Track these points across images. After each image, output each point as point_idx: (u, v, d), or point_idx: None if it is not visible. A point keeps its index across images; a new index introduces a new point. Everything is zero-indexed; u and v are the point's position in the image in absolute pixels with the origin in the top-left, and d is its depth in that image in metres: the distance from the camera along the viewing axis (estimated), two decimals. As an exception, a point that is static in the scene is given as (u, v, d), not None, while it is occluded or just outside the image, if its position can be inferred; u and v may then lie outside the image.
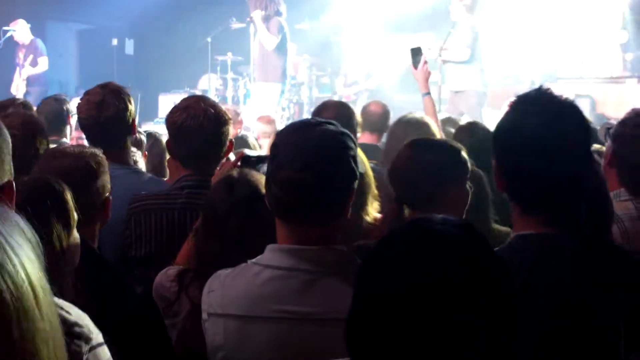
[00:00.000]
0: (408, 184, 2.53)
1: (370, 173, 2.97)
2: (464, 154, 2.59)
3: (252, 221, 2.18)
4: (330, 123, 1.90)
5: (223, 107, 2.94)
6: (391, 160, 2.71)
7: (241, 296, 1.86)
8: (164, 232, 2.75)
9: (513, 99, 1.83)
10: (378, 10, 10.28)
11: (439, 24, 10.21)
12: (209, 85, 11.52)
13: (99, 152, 2.53)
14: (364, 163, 2.85)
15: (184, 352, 2.17)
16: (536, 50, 12.44)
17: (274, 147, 1.88)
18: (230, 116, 2.89)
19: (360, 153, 2.28)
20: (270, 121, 6.78)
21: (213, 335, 1.89)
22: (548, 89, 1.81)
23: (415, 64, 4.56)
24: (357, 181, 1.89)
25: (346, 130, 1.91)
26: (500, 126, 1.82)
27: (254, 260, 1.90)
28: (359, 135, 4.24)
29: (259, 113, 7.83)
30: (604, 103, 9.74)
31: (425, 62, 4.59)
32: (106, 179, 2.50)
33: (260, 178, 2.26)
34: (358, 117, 4.08)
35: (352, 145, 1.89)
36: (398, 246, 1.17)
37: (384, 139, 4.65)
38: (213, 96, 11.23)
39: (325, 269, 1.83)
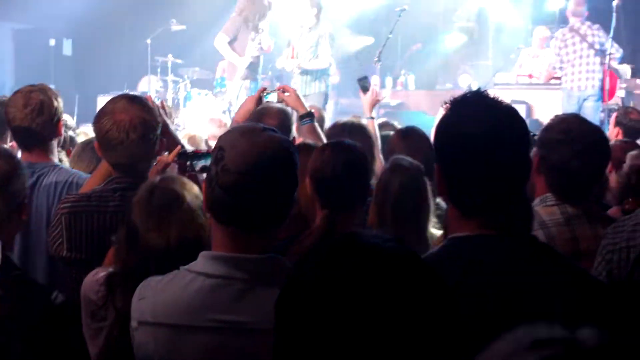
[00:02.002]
0: (330, 188, 2.55)
1: None
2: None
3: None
4: (274, 130, 1.91)
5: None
6: None
7: (173, 305, 1.83)
8: (94, 236, 2.71)
9: (448, 101, 1.80)
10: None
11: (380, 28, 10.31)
12: (148, 87, 11.39)
13: (15, 154, 2.48)
14: None
15: (111, 359, 2.16)
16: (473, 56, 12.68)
17: (218, 149, 1.86)
18: (158, 120, 2.83)
19: None
20: (222, 124, 6.74)
21: (143, 344, 1.86)
22: (485, 91, 1.80)
23: (364, 89, 4.61)
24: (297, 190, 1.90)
25: (289, 139, 1.93)
26: (440, 129, 1.80)
27: (187, 267, 1.87)
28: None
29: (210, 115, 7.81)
30: (540, 109, 9.92)
31: (374, 90, 4.64)
32: (22, 183, 2.44)
33: (184, 184, 2.26)
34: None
35: (296, 154, 1.90)
36: (326, 262, 1.16)
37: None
38: (153, 98, 11.09)
39: (261, 278, 1.81)
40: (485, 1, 12.78)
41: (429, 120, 8.21)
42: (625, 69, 11.17)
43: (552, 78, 9.94)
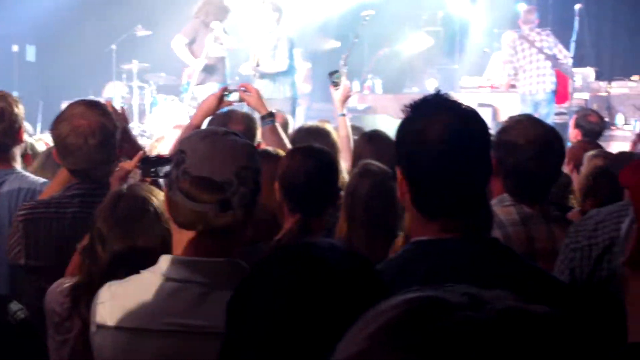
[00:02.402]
0: (301, 193, 2.55)
1: None
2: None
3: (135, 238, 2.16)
4: (236, 134, 1.91)
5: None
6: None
7: (132, 308, 1.82)
8: (53, 243, 2.68)
9: (409, 104, 1.79)
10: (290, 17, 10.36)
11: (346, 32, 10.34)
12: (114, 93, 11.31)
13: None
14: None
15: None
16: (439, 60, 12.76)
17: (179, 153, 1.86)
18: (117, 125, 2.81)
19: None
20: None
21: (101, 348, 1.85)
22: (446, 93, 1.81)
23: (335, 84, 4.56)
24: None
25: (251, 143, 1.94)
26: (401, 132, 1.80)
27: (147, 270, 1.87)
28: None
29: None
30: (505, 112, 10.01)
31: (345, 85, 4.60)
32: None
33: (151, 191, 2.25)
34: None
35: (258, 158, 1.91)
36: (276, 271, 1.17)
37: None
38: (118, 105, 11.03)
39: (220, 281, 1.80)
40: (451, 6, 12.87)
41: (395, 123, 8.24)
42: (589, 72, 11.33)
43: (510, 86, 10.13)
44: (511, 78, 9.76)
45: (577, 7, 10.20)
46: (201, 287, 1.81)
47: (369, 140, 3.89)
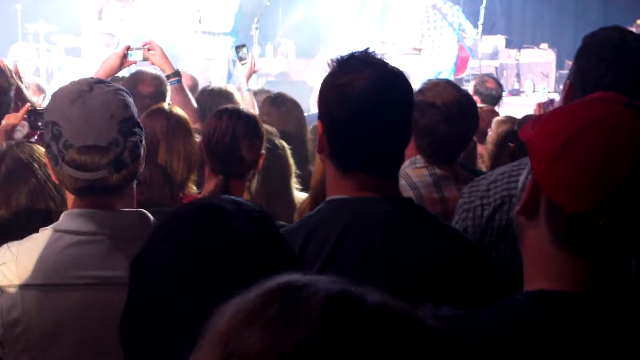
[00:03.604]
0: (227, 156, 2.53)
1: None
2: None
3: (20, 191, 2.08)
4: (102, 82, 1.85)
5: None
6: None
7: (40, 265, 1.78)
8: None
9: (335, 58, 1.79)
10: None
11: None
12: (19, 55, 10.93)
13: None
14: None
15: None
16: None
17: (52, 125, 1.78)
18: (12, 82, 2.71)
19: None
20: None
21: (8, 309, 1.78)
22: (373, 52, 1.80)
23: (241, 59, 4.49)
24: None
25: (123, 88, 1.87)
26: (326, 85, 1.78)
27: (49, 227, 1.83)
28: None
29: None
30: (413, 77, 10.10)
31: (252, 61, 4.53)
32: None
33: (35, 151, 2.17)
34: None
35: (131, 99, 1.86)
36: (177, 230, 1.16)
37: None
38: (26, 68, 10.69)
39: (126, 232, 1.80)
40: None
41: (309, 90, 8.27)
42: (499, 40, 11.54)
43: (413, 49, 10.39)
44: (416, 42, 10.01)
45: (489, -26, 10.38)
46: (108, 238, 1.80)
47: (273, 103, 3.87)
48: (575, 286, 1.25)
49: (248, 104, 4.28)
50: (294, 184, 3.04)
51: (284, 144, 3.04)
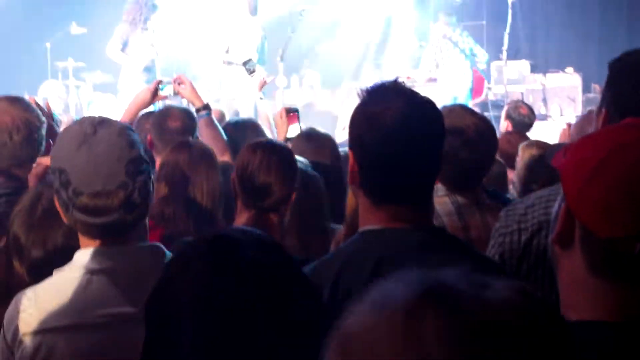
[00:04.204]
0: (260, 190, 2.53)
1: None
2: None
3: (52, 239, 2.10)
4: (106, 121, 1.85)
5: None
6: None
7: (60, 307, 1.78)
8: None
9: (365, 88, 1.78)
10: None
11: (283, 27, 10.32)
12: (49, 92, 11.10)
13: None
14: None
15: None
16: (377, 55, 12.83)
17: (59, 172, 1.79)
18: (42, 120, 2.75)
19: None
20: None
21: (32, 355, 1.78)
22: (402, 82, 1.80)
23: (249, 71, 4.51)
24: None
25: (127, 125, 1.88)
26: (357, 115, 1.77)
27: (63, 269, 1.84)
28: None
29: None
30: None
31: (262, 80, 4.52)
32: None
33: None
34: None
35: (137, 138, 1.86)
36: (194, 262, 1.16)
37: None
38: (56, 104, 10.85)
39: (144, 266, 1.80)
40: (390, 1, 12.94)
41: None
42: (524, 65, 11.52)
43: (429, 80, 10.60)
44: (431, 72, 10.19)
45: (510, 1, 10.40)
46: (125, 274, 1.80)
47: (308, 139, 3.87)
48: (613, 315, 1.22)
49: (263, 113, 4.30)
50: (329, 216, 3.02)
51: (317, 175, 3.04)
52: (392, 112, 1.70)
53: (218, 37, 9.13)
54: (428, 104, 1.77)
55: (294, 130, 4.06)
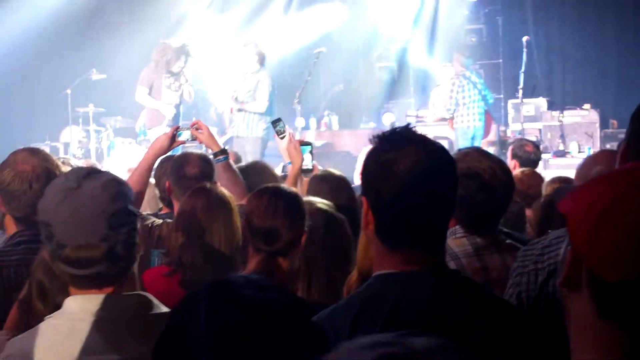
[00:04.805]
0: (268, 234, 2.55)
1: None
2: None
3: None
4: (93, 173, 1.88)
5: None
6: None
7: (48, 354, 1.80)
8: (-2, 292, 2.64)
9: (376, 135, 1.80)
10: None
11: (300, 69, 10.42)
12: (70, 138, 11.25)
13: None
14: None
15: None
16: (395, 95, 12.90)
17: (44, 225, 1.83)
18: (61, 170, 2.80)
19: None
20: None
21: None
22: (414, 125, 1.83)
23: (279, 132, 4.45)
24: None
25: (114, 177, 1.91)
26: (370, 162, 1.79)
27: (52, 316, 1.87)
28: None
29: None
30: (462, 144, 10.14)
31: (290, 134, 4.46)
32: None
33: None
34: None
35: (124, 189, 1.88)
36: (195, 307, 1.18)
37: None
38: (76, 149, 10.98)
39: (131, 314, 1.82)
40: (405, 42, 13.04)
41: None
42: (541, 102, 11.53)
43: (440, 119, 10.74)
44: (450, 111, 10.21)
45: (525, 39, 10.49)
46: (111, 322, 1.81)
47: (322, 181, 3.88)
48: (621, 361, 1.21)
49: (290, 178, 4.28)
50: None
51: (343, 217, 3.04)
52: (405, 160, 1.72)
53: (229, 86, 9.28)
54: (441, 149, 1.79)
55: (307, 160, 4.08)
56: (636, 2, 11.90)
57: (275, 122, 4.36)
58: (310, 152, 4.19)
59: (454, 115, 10.11)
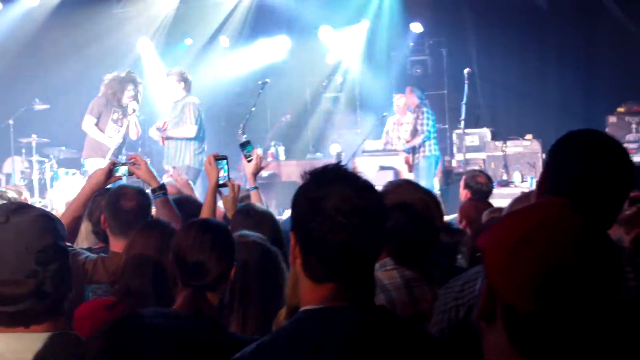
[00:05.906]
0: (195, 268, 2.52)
1: None
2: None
3: None
4: (21, 208, 1.86)
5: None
6: None
7: None
8: None
9: (308, 171, 1.82)
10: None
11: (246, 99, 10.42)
12: (12, 169, 11.07)
13: None
14: None
15: None
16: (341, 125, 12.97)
17: None
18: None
19: None
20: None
21: None
22: (344, 164, 1.85)
23: (247, 156, 4.41)
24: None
25: (44, 212, 1.88)
26: (299, 197, 1.81)
27: None
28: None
29: None
30: (408, 174, 10.22)
31: (258, 156, 4.43)
32: None
33: None
34: None
35: (52, 223, 1.86)
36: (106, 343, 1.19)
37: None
38: (18, 180, 10.80)
39: (50, 355, 1.78)
40: (351, 72, 13.17)
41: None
42: (485, 132, 11.72)
43: (387, 150, 10.88)
44: (406, 140, 10.46)
45: (466, 71, 10.70)
46: None
47: (247, 215, 3.86)
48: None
49: (255, 201, 4.25)
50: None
51: (276, 249, 3.03)
52: (332, 198, 1.74)
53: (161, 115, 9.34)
54: (369, 188, 1.81)
55: (221, 174, 4.06)
56: (575, 39, 12.21)
57: (243, 145, 4.33)
58: (227, 164, 4.13)
59: (424, 145, 10.28)
